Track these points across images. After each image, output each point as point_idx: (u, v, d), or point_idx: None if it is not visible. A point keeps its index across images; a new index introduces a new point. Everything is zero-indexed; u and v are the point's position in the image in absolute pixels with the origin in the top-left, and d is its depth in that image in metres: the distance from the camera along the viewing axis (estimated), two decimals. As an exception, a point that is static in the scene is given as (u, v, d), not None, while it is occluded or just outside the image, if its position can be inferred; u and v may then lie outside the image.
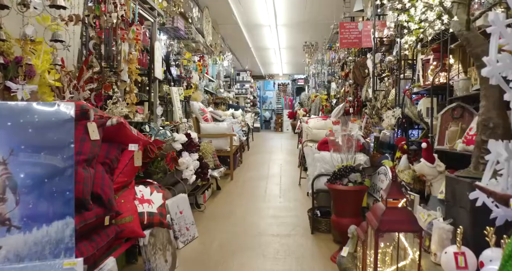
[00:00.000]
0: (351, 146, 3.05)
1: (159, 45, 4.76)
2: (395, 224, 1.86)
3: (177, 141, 3.36)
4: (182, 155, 3.41)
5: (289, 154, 7.96)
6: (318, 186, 3.30)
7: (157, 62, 4.68)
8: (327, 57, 8.00)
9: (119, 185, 2.30)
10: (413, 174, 2.79)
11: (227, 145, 5.26)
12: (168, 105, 5.60)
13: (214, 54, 7.97)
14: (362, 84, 5.48)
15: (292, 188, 4.81)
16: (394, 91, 3.98)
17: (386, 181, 2.99)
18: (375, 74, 4.47)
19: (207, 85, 8.18)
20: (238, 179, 5.35)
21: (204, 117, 5.30)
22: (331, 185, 2.73)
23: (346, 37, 5.55)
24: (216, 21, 7.88)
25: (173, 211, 3.06)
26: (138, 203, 2.44)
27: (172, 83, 5.65)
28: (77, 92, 2.73)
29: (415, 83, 3.36)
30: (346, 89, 5.80)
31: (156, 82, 4.76)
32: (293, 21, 8.23)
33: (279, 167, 6.36)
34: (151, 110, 4.67)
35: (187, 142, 3.46)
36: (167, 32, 6.07)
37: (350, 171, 2.71)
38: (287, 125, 15.97)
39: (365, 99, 5.17)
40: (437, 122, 2.86)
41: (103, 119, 2.15)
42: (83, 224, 1.82)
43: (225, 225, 3.46)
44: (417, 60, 3.45)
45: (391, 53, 4.64)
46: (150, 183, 2.69)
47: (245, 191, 4.70)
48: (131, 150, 2.33)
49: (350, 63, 5.63)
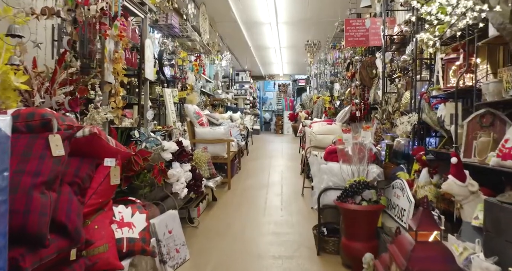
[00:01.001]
0: (363, 157, 2.69)
1: (150, 43, 4.40)
2: (427, 262, 1.50)
3: (166, 150, 2.99)
4: (173, 166, 3.04)
5: (291, 159, 7.59)
6: (325, 201, 2.94)
7: (148, 61, 4.32)
8: (331, 57, 7.64)
9: (93, 207, 1.94)
10: (435, 191, 2.42)
11: (224, 151, 4.90)
12: (161, 108, 5.23)
13: (211, 54, 7.61)
14: (370, 85, 5.12)
15: (294, 199, 4.45)
16: (408, 94, 3.61)
17: (403, 197, 2.63)
18: (385, 75, 4.11)
19: (204, 86, 7.81)
20: (236, 188, 4.98)
21: (199, 121, 4.93)
22: (342, 203, 2.36)
23: (352, 35, 5.19)
24: (214, 18, 7.51)
25: (161, 231, 2.69)
26: (116, 227, 2.07)
27: (166, 84, 5.28)
28: (49, 97, 2.37)
29: (434, 86, 2.99)
30: (352, 91, 5.44)
31: (147, 84, 4.39)
32: (294, 18, 7.86)
33: (280, 174, 5.99)
34: (141, 114, 4.31)
35: (178, 151, 3.10)
36: (160, 29, 5.70)
37: (364, 188, 2.35)
38: (287, 127, 15.60)
39: (373, 102, 4.81)
40: (462, 131, 2.50)
41: (70, 130, 1.78)
42: (38, 264, 1.46)
43: (221, 244, 3.10)
44: (435, 60, 3.08)
45: (402, 52, 4.28)
46: (132, 202, 2.32)
47: (243, 202, 4.33)
48: (107, 165, 1.97)
49: (357, 63, 5.26)
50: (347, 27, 5.20)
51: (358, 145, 2.64)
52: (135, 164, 2.59)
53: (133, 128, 4.24)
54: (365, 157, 2.68)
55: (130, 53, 4.12)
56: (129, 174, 2.55)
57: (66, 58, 2.57)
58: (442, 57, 2.92)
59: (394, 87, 4.18)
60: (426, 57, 3.28)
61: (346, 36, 5.22)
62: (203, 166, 3.40)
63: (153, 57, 4.51)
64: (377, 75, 4.78)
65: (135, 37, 4.16)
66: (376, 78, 4.76)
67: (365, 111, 5.24)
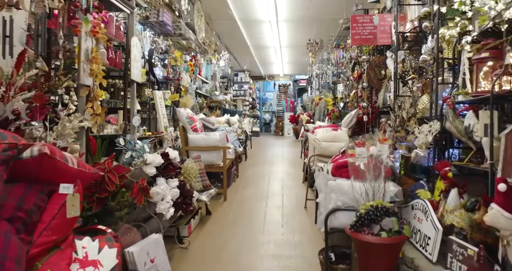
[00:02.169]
0: (380, 174, 2.28)
1: (138, 42, 3.99)
2: None
3: (149, 165, 2.58)
4: (157, 182, 2.63)
5: (292, 165, 7.18)
6: (333, 223, 2.53)
7: (135, 61, 3.91)
8: (334, 56, 7.22)
9: (44, 247, 1.53)
10: (468, 217, 2.02)
11: (219, 160, 4.49)
12: (152, 112, 4.83)
13: (208, 53, 7.20)
14: (378, 87, 4.71)
15: (297, 213, 4.04)
16: (425, 98, 3.21)
17: (427, 222, 2.22)
18: (397, 76, 3.70)
19: (200, 87, 7.41)
20: (233, 199, 4.57)
21: (192, 126, 4.52)
22: (356, 234, 1.95)
23: (359, 33, 4.78)
24: (210, 16, 7.10)
25: (141, 261, 2.28)
26: (78, 267, 1.67)
27: (156, 86, 4.88)
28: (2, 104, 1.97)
29: (459, 90, 2.58)
30: (359, 93, 5.03)
31: (134, 86, 3.99)
32: (295, 16, 7.45)
33: (280, 182, 5.58)
34: (127, 120, 3.90)
35: (164, 164, 2.69)
36: (152, 27, 5.30)
37: (383, 215, 1.94)
38: (288, 129, 15.19)
39: (382, 106, 4.40)
40: (498, 144, 2.09)
41: (8, 152, 1.38)
42: None
43: (213, 270, 2.70)
44: (460, 60, 2.67)
45: (414, 51, 3.87)
46: (101, 232, 1.91)
47: (240, 217, 3.93)
48: (63, 193, 1.56)
49: (364, 63, 4.85)
50: (353, 24, 4.79)
51: (374, 159, 2.23)
52: (110, 184, 2.18)
53: (118, 135, 3.84)
54: (382, 174, 2.27)
55: (114, 52, 3.71)
56: (102, 195, 2.15)
57: (28, 57, 2.17)
58: (470, 57, 2.52)
59: (407, 90, 3.77)
60: (448, 56, 2.87)
61: (352, 34, 4.80)
62: (193, 181, 2.99)
63: (141, 56, 4.10)
64: (387, 76, 4.37)
65: (120, 35, 3.75)
66: (385, 80, 4.35)
67: (372, 115, 4.83)
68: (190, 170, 2.97)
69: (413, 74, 3.63)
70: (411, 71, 3.78)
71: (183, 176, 2.90)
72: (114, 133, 3.66)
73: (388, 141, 2.29)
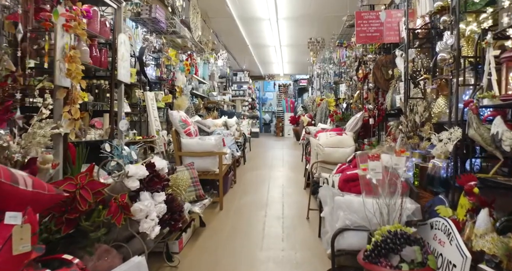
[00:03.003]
0: (396, 190, 1.98)
1: (126, 39, 3.68)
2: None
3: (132, 177, 2.27)
4: (141, 197, 2.32)
5: (293, 169, 6.86)
6: (342, 244, 2.23)
7: (123, 60, 3.60)
8: (337, 55, 6.90)
9: (-15, 291, 1.22)
10: (502, 243, 1.71)
11: (215, 166, 4.18)
12: (143, 114, 4.52)
13: (205, 52, 6.88)
14: (385, 88, 4.41)
15: (299, 224, 3.73)
16: (441, 101, 2.90)
17: (451, 246, 1.91)
18: (408, 76, 3.39)
19: (197, 87, 7.09)
20: (230, 208, 4.26)
21: (186, 130, 4.21)
22: (372, 266, 1.64)
23: (364, 30, 4.48)
24: (207, 13, 6.79)
25: (119, 291, 1.97)
26: (32, 311, 1.36)
27: (148, 87, 4.57)
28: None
29: (484, 92, 2.27)
30: (364, 95, 4.71)
31: (121, 87, 3.68)
32: (296, 14, 7.14)
33: (280, 188, 5.27)
34: (114, 124, 3.59)
35: (149, 177, 2.38)
36: (144, 24, 4.99)
37: (403, 243, 1.63)
38: (288, 129, 14.88)
39: (390, 108, 4.09)
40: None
41: None
42: None
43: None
44: (483, 58, 2.36)
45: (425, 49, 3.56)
46: (66, 264, 1.60)
47: (237, 229, 3.62)
48: (9, 224, 1.25)
49: (370, 63, 4.54)
50: (358, 21, 4.49)
51: (389, 173, 1.93)
52: (82, 202, 1.87)
53: (104, 141, 3.53)
54: (398, 190, 1.96)
55: (98, 51, 3.40)
56: (72, 216, 1.84)
57: (-13, 55, 1.87)
58: (497, 55, 2.21)
59: (418, 92, 3.47)
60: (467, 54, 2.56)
61: (357, 32, 4.51)
62: (183, 194, 2.68)
63: (130, 55, 3.79)
64: (394, 76, 4.07)
65: (105, 31, 3.44)
66: (393, 80, 4.04)
67: (379, 118, 4.52)
68: (179, 182, 2.66)
69: (426, 74, 3.32)
70: (422, 71, 3.48)
71: (172, 188, 2.60)
72: (99, 138, 3.35)
73: (406, 154, 1.98)
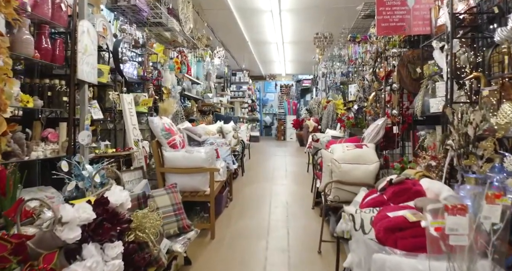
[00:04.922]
0: (482, 249, 1.21)
1: (90, 27, 2.92)
2: None
3: (67, 225, 1.51)
4: (83, 252, 1.55)
5: (297, 182, 6.05)
6: None
7: (86, 54, 2.84)
8: (349, 52, 6.12)
9: None
10: None
11: (205, 185, 3.41)
12: (120, 121, 3.75)
13: (198, 48, 6.11)
14: (412, 89, 3.64)
15: (308, 262, 2.95)
16: (508, 108, 2.13)
17: None
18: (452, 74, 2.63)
19: (189, 88, 6.32)
20: (223, 235, 3.48)
21: (170, 141, 3.44)
22: None
23: (387, 19, 3.71)
24: (201, 4, 6.02)
25: None
26: None
27: (125, 88, 3.81)
28: None
29: None
30: (386, 97, 3.93)
31: (85, 88, 2.92)
32: (301, 5, 6.36)
33: (284, 208, 4.48)
34: (73, 135, 2.84)
35: (97, 220, 1.61)
36: (123, 13, 4.23)
37: None
38: (290, 133, 14.08)
39: (421, 114, 3.32)
40: None
41: None
42: None
43: None
44: None
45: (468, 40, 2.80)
46: None
47: (230, 268, 2.85)
48: None
49: (394, 58, 3.77)
50: (379, 8, 3.72)
51: (474, 230, 1.16)
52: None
53: (60, 157, 2.80)
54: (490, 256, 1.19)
55: (50, 41, 2.65)
56: None
57: None
58: None
59: (462, 94, 2.71)
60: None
61: (378, 21, 3.73)
62: (153, 238, 1.90)
63: (97, 48, 3.03)
64: (424, 75, 3.30)
65: (61, 17, 2.68)
66: (425, 80, 3.27)
67: (404, 125, 3.75)
68: (146, 223, 1.89)
69: (476, 72, 2.56)
70: (467, 68, 2.72)
71: (135, 233, 1.83)
72: (52, 155, 2.59)
73: (505, 200, 1.21)
